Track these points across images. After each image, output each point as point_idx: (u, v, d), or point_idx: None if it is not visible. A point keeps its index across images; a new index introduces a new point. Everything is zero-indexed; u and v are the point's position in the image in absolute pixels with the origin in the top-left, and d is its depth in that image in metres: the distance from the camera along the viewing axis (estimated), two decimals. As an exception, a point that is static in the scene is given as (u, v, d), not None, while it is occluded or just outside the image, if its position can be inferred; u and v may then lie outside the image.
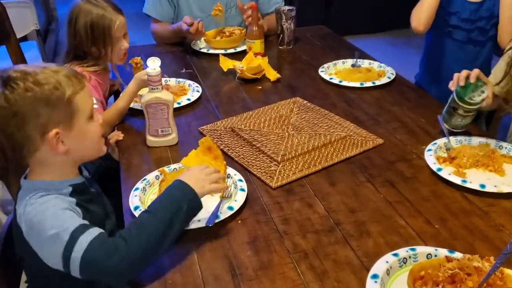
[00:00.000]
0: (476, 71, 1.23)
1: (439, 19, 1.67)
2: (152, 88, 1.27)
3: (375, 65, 1.81)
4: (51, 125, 0.90)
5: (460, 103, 1.23)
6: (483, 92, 1.23)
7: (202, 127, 1.41)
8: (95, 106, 1.37)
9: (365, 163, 1.25)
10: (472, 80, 1.23)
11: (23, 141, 0.90)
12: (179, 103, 1.53)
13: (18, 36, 2.48)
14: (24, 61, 1.83)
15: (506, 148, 1.26)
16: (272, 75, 1.74)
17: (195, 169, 1.01)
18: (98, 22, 1.44)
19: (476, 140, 1.29)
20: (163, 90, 1.29)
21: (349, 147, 1.30)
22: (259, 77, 1.73)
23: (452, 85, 1.25)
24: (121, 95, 1.48)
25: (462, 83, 1.22)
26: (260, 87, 1.70)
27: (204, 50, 1.98)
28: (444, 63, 1.36)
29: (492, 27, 1.61)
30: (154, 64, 1.27)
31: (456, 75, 1.24)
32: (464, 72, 1.23)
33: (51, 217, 0.87)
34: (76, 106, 0.92)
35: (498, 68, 1.36)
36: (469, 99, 1.22)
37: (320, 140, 1.31)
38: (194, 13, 2.11)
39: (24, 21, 2.54)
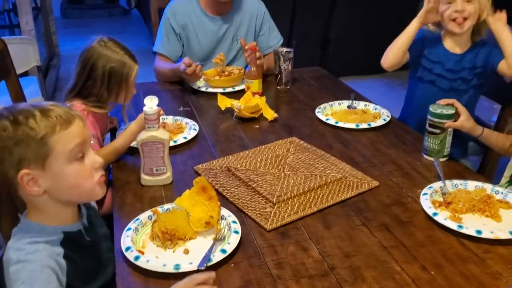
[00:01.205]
0: (452, 100, 1.42)
1: (423, 68, 1.72)
2: (148, 127, 1.27)
3: (371, 107, 1.82)
4: (23, 164, 0.89)
5: (429, 117, 1.41)
6: (450, 110, 1.39)
7: (197, 166, 1.41)
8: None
9: (361, 206, 1.24)
10: (442, 103, 1.43)
11: (4, 178, 0.90)
12: (175, 141, 1.53)
13: (19, 71, 2.52)
14: (23, 97, 1.84)
15: (502, 193, 1.25)
16: (270, 114, 1.75)
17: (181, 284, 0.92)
18: (118, 69, 1.47)
19: (472, 185, 1.29)
20: (160, 128, 1.30)
21: (344, 189, 1.29)
22: (256, 116, 1.74)
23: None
24: (121, 133, 1.49)
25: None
26: (257, 126, 1.71)
27: (203, 89, 2.01)
28: (426, 107, 1.43)
29: (474, 76, 1.65)
30: (151, 103, 1.27)
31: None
32: (443, 101, 1.43)
33: (28, 272, 0.87)
34: (52, 147, 0.91)
35: None
36: (435, 111, 1.40)
37: (316, 181, 1.31)
38: (203, 50, 2.15)
39: (26, 57, 2.57)
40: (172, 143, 1.51)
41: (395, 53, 1.66)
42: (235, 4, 2.16)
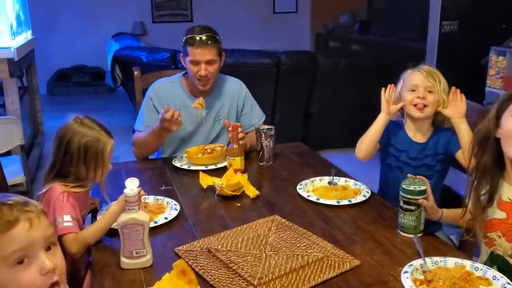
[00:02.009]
0: (421, 177, 1.47)
1: (390, 155, 1.83)
2: (128, 209, 1.28)
3: (351, 183, 1.85)
4: None
5: (402, 194, 1.45)
6: (422, 186, 1.43)
7: (177, 248, 1.39)
8: (68, 224, 1.37)
9: (342, 286, 1.23)
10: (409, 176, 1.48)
11: None
12: (156, 222, 1.53)
13: (2, 151, 2.52)
14: (3, 177, 1.84)
15: (481, 269, 1.26)
16: (252, 192, 1.76)
17: None
18: (93, 144, 1.50)
19: (452, 261, 1.29)
20: (140, 210, 1.30)
21: (326, 269, 1.29)
22: (238, 194, 1.75)
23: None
24: (102, 214, 1.48)
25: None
26: (239, 204, 1.72)
27: (185, 167, 2.03)
28: (396, 190, 1.52)
29: (437, 162, 1.77)
30: (132, 185, 1.28)
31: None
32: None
33: None
34: None
35: None
36: (408, 188, 1.43)
37: (297, 261, 1.30)
38: (185, 130, 2.19)
39: (10, 136, 2.59)
40: (152, 224, 1.50)
41: (366, 146, 1.78)
42: (216, 85, 2.23)
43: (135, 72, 2.47)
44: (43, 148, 4.15)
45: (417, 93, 1.71)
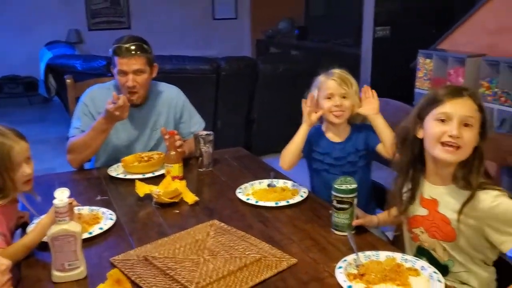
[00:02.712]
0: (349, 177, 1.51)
1: (315, 160, 1.91)
2: (59, 220, 1.24)
3: (289, 184, 1.89)
4: None
5: (334, 193, 1.49)
6: (353, 184, 1.49)
7: (113, 258, 1.36)
8: None
9: (280, 285, 1.25)
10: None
11: None
12: (90, 233, 1.49)
13: None
14: None
15: (411, 261, 1.32)
16: (190, 198, 1.75)
17: None
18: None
19: (383, 255, 1.35)
20: (71, 221, 1.26)
21: (264, 269, 1.30)
22: (177, 200, 1.74)
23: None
24: (31, 227, 1.42)
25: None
26: (177, 211, 1.70)
27: (121, 176, 1.99)
28: (326, 192, 1.62)
29: (360, 158, 1.87)
30: (61, 195, 1.25)
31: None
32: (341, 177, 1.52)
33: None
34: None
35: None
36: (340, 187, 1.48)
37: (235, 264, 1.31)
38: (121, 139, 2.15)
39: None
40: (87, 235, 1.47)
41: (290, 157, 1.85)
42: (151, 93, 2.20)
43: (68, 81, 2.40)
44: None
45: (334, 101, 1.81)
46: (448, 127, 1.31)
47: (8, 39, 6.49)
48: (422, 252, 1.46)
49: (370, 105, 1.78)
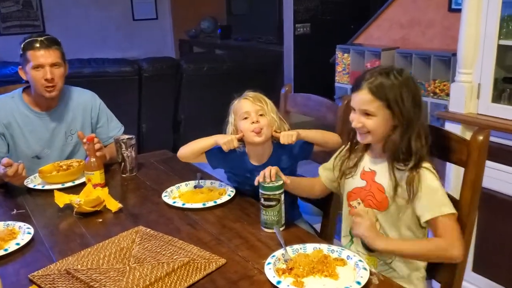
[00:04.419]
0: (274, 169, 1.51)
1: (239, 180, 1.84)
2: (-33, 240, 1.15)
3: (217, 184, 1.88)
4: None
5: (261, 191, 1.49)
6: (279, 181, 1.50)
7: (32, 274, 1.29)
8: None
9: (209, 286, 1.24)
10: (272, 178, 1.51)
11: None
12: (6, 250, 1.40)
13: None
14: None
15: (337, 251, 1.35)
16: (113, 205, 1.69)
17: None
18: None
19: (310, 247, 1.37)
20: (-19, 240, 1.17)
21: (192, 272, 1.28)
22: (99, 209, 1.67)
23: (256, 181, 1.51)
24: None
25: (261, 179, 1.51)
26: (100, 220, 1.64)
27: (39, 187, 1.88)
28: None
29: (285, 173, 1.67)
30: (-31, 213, 1.16)
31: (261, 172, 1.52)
32: (267, 170, 1.51)
33: None
34: None
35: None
36: (267, 185, 1.49)
37: (163, 269, 1.28)
38: (32, 147, 2.04)
39: None
40: (2, 252, 1.38)
41: (188, 155, 1.81)
42: (64, 97, 2.11)
43: (-26, 90, 2.24)
44: None
45: (251, 119, 1.72)
46: (354, 118, 1.45)
47: None
48: None
49: (286, 138, 1.69)
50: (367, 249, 1.47)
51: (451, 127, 2.20)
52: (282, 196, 1.51)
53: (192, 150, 1.81)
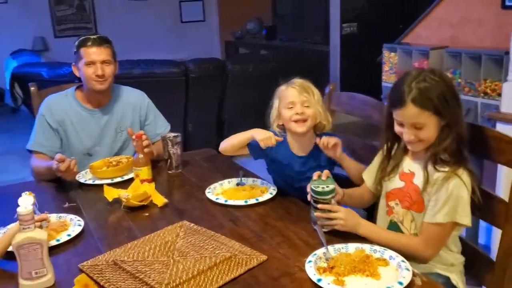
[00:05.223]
0: (326, 172, 1.50)
1: (276, 169, 1.87)
2: (23, 228, 1.21)
3: (258, 182, 1.89)
4: None
5: (312, 194, 1.48)
6: (330, 185, 1.47)
7: (82, 264, 1.35)
8: None
9: (250, 281, 1.26)
10: (323, 177, 1.50)
11: None
12: (58, 240, 1.47)
13: None
14: None
15: (379, 251, 1.34)
16: (159, 200, 1.74)
17: None
18: None
19: (352, 247, 1.36)
20: (36, 228, 1.24)
21: (234, 267, 1.30)
22: (146, 203, 1.73)
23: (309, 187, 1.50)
24: None
25: (314, 177, 1.50)
26: (147, 214, 1.69)
27: (90, 182, 1.96)
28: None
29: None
30: (25, 202, 1.23)
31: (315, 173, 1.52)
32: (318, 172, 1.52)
33: None
34: None
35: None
36: (317, 189, 1.46)
37: (205, 263, 1.31)
38: (84, 144, 2.12)
39: None
40: (55, 242, 1.45)
41: (228, 148, 1.84)
42: (114, 96, 2.19)
43: (32, 88, 2.36)
44: None
45: (295, 110, 1.72)
46: (404, 132, 1.43)
47: (-29, 49, 6.34)
48: (392, 227, 1.53)
49: (330, 153, 1.69)
50: None
51: (503, 128, 2.13)
52: (333, 201, 1.48)
53: (231, 144, 1.83)
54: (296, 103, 1.73)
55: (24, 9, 6.56)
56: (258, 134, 1.74)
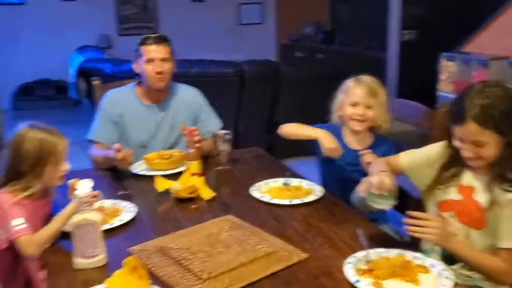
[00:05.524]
0: (387, 179, 1.42)
1: (327, 159, 1.87)
2: (80, 210, 1.31)
3: (304, 183, 1.92)
4: None
5: (368, 202, 1.44)
6: (391, 200, 1.42)
7: (132, 248, 1.43)
8: (20, 227, 1.39)
9: (290, 277, 1.29)
10: (384, 190, 1.41)
11: None
12: (111, 224, 1.56)
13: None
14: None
15: (421, 259, 1.33)
16: (207, 194, 1.81)
17: None
18: (44, 144, 1.53)
19: (393, 252, 1.37)
20: (92, 211, 1.33)
21: (274, 263, 1.34)
22: (194, 196, 1.79)
23: (364, 189, 1.44)
24: (56, 217, 1.50)
25: (374, 190, 1.41)
26: (194, 206, 1.76)
27: (143, 173, 2.06)
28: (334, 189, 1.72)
29: None
30: (84, 186, 1.32)
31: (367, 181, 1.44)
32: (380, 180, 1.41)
33: None
34: None
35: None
36: (376, 205, 1.42)
37: (247, 256, 1.35)
38: (140, 137, 2.23)
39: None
40: (108, 226, 1.54)
41: (289, 135, 1.94)
42: (171, 93, 2.28)
43: (95, 82, 2.49)
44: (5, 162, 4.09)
45: (357, 110, 1.81)
46: (464, 148, 1.39)
47: (41, 44, 6.72)
48: None
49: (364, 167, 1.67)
50: (448, 262, 1.42)
51: None
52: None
53: (294, 133, 1.92)
54: (359, 104, 1.81)
55: (91, 7, 6.88)
56: (326, 142, 1.77)
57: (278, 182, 1.94)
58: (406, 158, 1.61)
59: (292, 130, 1.90)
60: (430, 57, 4.18)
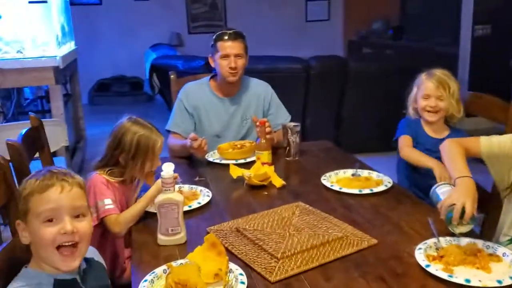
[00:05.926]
0: (469, 213, 1.35)
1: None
2: (165, 190, 1.42)
3: (374, 174, 1.94)
4: (19, 215, 1.07)
5: (448, 226, 1.41)
6: (469, 225, 1.38)
7: (209, 227, 1.53)
8: (109, 206, 1.52)
9: (359, 260, 1.33)
10: (464, 221, 1.37)
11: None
12: (190, 206, 1.67)
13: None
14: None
15: (492, 247, 1.33)
16: (278, 182, 1.88)
17: None
18: (144, 140, 1.65)
19: (464, 240, 1.37)
20: (175, 191, 1.44)
21: (345, 246, 1.39)
22: (265, 183, 1.87)
23: (443, 214, 1.41)
24: (140, 198, 1.64)
25: (454, 221, 1.37)
26: (266, 193, 1.84)
27: (217, 161, 2.17)
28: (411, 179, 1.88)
29: None
30: (168, 168, 1.43)
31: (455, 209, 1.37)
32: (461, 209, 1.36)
33: None
34: (30, 206, 1.06)
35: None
36: (454, 228, 1.39)
37: (318, 239, 1.41)
38: (214, 128, 2.35)
39: (56, 138, 2.78)
40: (187, 208, 1.65)
41: (407, 159, 1.96)
42: (243, 87, 2.38)
43: (172, 76, 2.64)
44: (86, 153, 4.39)
45: (429, 102, 1.98)
46: None
47: (116, 42, 7.11)
48: None
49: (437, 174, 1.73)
50: None
51: None
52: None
53: (411, 159, 1.94)
54: (431, 96, 1.96)
55: (163, 6, 7.18)
56: (438, 171, 1.74)
57: (348, 173, 1.97)
58: (487, 143, 1.58)
59: (409, 154, 1.96)
60: (503, 53, 4.02)
